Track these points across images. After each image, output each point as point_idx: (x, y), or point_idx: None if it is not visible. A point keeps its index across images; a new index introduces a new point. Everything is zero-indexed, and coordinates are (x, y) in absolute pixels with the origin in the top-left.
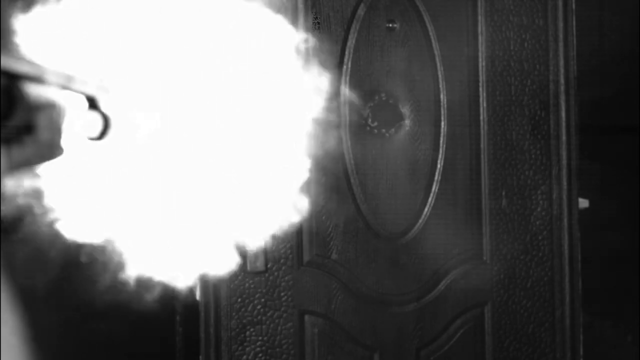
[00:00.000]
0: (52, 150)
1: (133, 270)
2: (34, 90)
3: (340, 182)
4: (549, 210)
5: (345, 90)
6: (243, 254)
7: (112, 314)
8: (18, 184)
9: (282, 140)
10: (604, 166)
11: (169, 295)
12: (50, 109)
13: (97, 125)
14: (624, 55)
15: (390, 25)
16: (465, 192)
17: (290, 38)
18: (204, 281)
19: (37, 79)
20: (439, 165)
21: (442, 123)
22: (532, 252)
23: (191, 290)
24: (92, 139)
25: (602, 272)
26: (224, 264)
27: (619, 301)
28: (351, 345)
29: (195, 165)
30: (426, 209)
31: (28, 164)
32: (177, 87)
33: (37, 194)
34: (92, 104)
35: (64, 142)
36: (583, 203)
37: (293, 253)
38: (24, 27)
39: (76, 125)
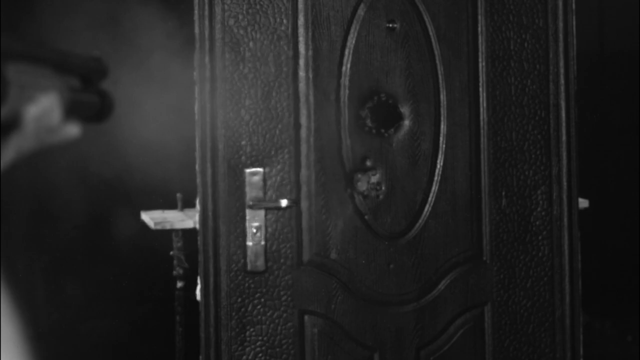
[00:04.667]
0: (49, 134)
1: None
2: (26, 71)
3: (340, 182)
4: (549, 210)
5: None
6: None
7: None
8: None
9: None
10: (604, 166)
11: (169, 295)
12: (45, 90)
13: (96, 106)
14: (624, 55)
15: (390, 25)
16: (465, 192)
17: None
18: (204, 281)
19: (31, 57)
20: (438, 165)
21: (442, 123)
22: (532, 252)
23: (191, 290)
24: (91, 121)
25: (602, 272)
26: None
27: (619, 301)
28: (351, 345)
29: None
30: (426, 209)
31: (23, 150)
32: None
33: None
34: (90, 82)
35: (62, 125)
36: (583, 203)
37: (293, 252)
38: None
39: (73, 106)
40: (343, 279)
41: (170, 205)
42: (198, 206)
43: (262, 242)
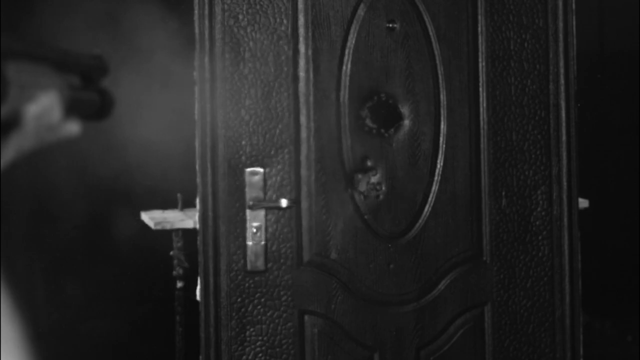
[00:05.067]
0: (50, 133)
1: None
2: (26, 70)
3: (340, 182)
4: (549, 210)
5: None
6: None
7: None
8: None
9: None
10: (604, 166)
11: (169, 295)
12: (46, 89)
13: (96, 104)
14: (624, 55)
15: (390, 25)
16: (465, 192)
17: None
18: (204, 281)
19: (31, 56)
20: (438, 165)
21: (442, 123)
22: (532, 252)
23: (191, 290)
24: (91, 119)
25: (602, 272)
26: None
27: (619, 301)
28: (351, 345)
29: None
30: (426, 209)
31: (23, 148)
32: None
33: None
34: (90, 80)
35: (62, 123)
36: (583, 203)
37: (293, 252)
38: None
39: (73, 104)
40: (343, 279)
41: (170, 205)
42: (198, 206)
43: (262, 242)
